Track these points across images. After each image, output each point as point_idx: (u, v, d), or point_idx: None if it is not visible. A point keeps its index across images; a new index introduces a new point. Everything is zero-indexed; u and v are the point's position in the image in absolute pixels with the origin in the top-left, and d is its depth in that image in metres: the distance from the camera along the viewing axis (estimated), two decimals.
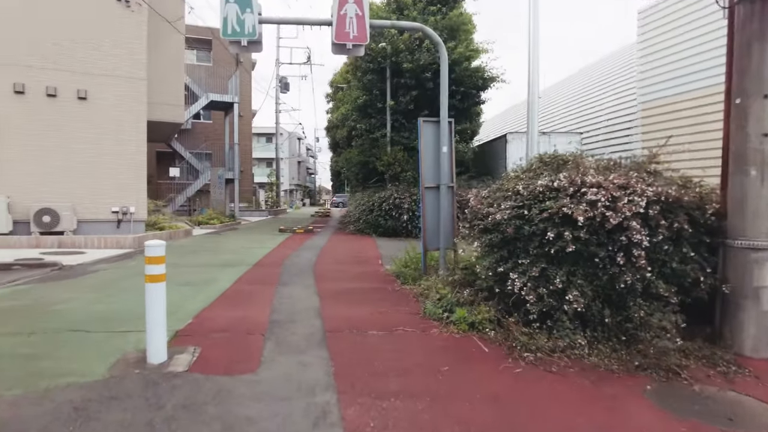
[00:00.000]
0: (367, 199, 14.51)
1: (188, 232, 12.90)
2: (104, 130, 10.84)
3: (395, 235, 13.55)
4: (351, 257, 9.08)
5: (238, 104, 20.95)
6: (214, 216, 16.49)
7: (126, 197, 11.04)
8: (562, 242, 3.90)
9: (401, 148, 14.60)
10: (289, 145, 61.09)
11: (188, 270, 7.16)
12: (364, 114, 15.55)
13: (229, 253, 9.31)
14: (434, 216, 6.55)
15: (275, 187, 31.74)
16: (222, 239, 12.30)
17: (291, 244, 11.46)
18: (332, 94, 26.12)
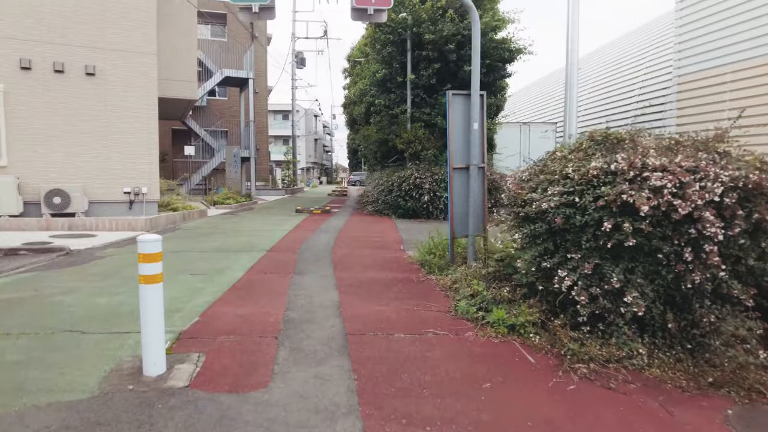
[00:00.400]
0: (386, 179, 13.96)
1: (203, 212, 12.58)
2: (114, 107, 10.44)
3: (415, 216, 13.03)
4: (370, 241, 8.60)
5: (254, 80, 20.38)
6: (230, 195, 16.16)
7: (138, 177, 10.69)
8: (621, 235, 3.34)
9: (422, 125, 13.92)
10: (305, 122, 60.53)
11: (199, 256, 6.77)
12: (383, 89, 14.84)
13: (243, 236, 8.92)
14: (463, 200, 5.99)
15: (292, 165, 31.32)
16: (237, 220, 11.95)
17: (308, 225, 11.03)
18: (349, 69, 25.32)
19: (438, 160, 13.53)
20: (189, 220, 11.51)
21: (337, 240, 8.63)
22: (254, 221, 11.89)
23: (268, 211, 15.02)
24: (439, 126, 13.87)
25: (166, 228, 10.06)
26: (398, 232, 9.90)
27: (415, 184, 12.97)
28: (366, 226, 11.38)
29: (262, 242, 8.15)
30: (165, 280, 5.19)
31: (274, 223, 11.34)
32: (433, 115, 13.95)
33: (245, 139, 20.95)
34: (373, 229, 10.71)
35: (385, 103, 14.50)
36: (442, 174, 12.90)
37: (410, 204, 12.94)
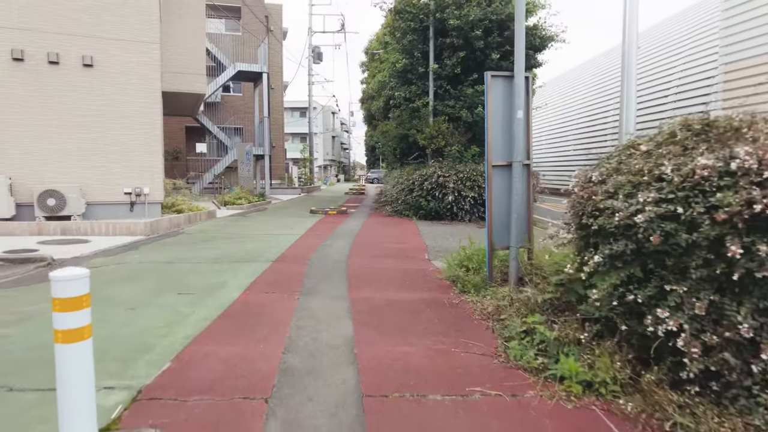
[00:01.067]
0: (406, 177, 12.96)
1: (211, 214, 11.77)
2: (113, 101, 9.66)
3: (438, 218, 12.02)
4: (390, 248, 7.62)
5: (268, 74, 19.56)
6: (242, 195, 15.37)
7: (139, 177, 9.92)
8: (753, 261, 2.33)
9: (445, 119, 12.87)
10: (322, 119, 59.89)
11: (194, 268, 5.89)
12: (403, 80, 13.83)
13: (249, 242, 8.03)
14: (504, 204, 4.98)
15: (308, 163, 30.54)
16: (246, 223, 11.10)
17: (322, 228, 10.11)
18: (367, 62, 24.34)
19: (463, 157, 12.47)
20: (194, 222, 10.71)
21: (353, 247, 7.68)
22: (264, 224, 11.03)
23: (281, 212, 14.17)
24: (464, 119, 12.81)
25: (168, 232, 9.26)
26: (421, 237, 8.90)
27: (438, 182, 11.95)
28: (385, 229, 10.40)
29: (269, 250, 7.24)
30: (145, 304, 4.30)
31: (286, 226, 10.45)
32: (458, 108, 12.88)
33: (259, 136, 20.17)
34: (392, 232, 9.73)
35: (406, 95, 13.49)
36: (468, 172, 11.86)
37: (432, 204, 11.93)
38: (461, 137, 12.87)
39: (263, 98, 19.52)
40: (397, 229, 10.44)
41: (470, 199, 11.78)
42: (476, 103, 12.73)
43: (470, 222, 11.80)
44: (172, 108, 15.97)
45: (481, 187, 11.76)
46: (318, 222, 11.44)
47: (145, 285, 5.00)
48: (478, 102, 12.71)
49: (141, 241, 8.10)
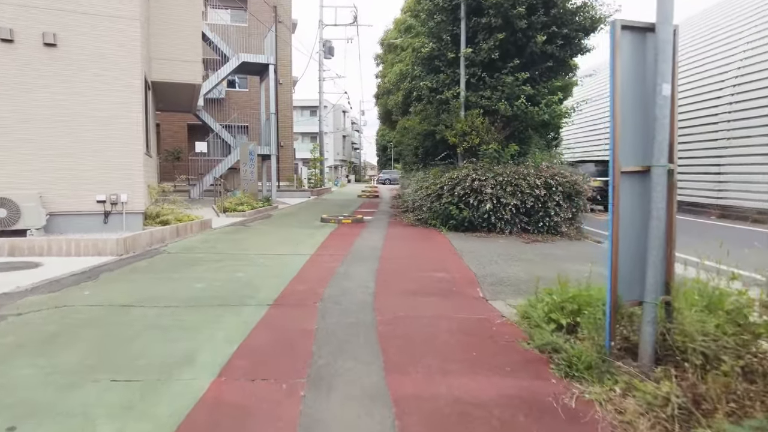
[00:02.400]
0: (433, 181, 11.09)
1: (205, 224, 10.01)
2: (83, 89, 7.93)
3: (472, 229, 10.15)
4: (429, 279, 5.76)
5: (275, 66, 17.79)
6: (244, 200, 13.61)
7: (116, 181, 8.18)
8: None
9: (480, 112, 10.98)
10: (333, 118, 58.29)
11: (158, 318, 4.07)
12: (429, 68, 11.95)
13: (243, 266, 6.23)
14: (636, 231, 3.11)
15: (319, 163, 28.79)
16: (245, 236, 9.30)
17: (336, 244, 8.28)
18: (383, 54, 22.51)
19: (501, 157, 10.57)
20: (184, 235, 8.94)
21: (378, 276, 5.82)
22: (266, 237, 9.23)
23: (287, 221, 12.37)
24: (502, 113, 10.90)
25: (148, 250, 7.48)
26: (461, 258, 7.03)
27: (473, 188, 10.07)
28: (413, 245, 8.55)
29: (266, 282, 5.43)
30: (28, 416, 2.29)
31: (292, 241, 8.64)
32: (495, 99, 10.98)
33: (266, 134, 18.42)
34: (423, 251, 7.87)
35: (432, 85, 11.61)
36: (508, 175, 9.98)
37: (465, 214, 10.05)
38: (498, 134, 10.98)
39: (270, 93, 17.77)
40: (427, 244, 8.58)
41: (511, 207, 9.89)
42: (517, 93, 10.83)
43: (510, 234, 9.92)
44: (168, 102, 14.29)
45: (524, 193, 9.89)
46: (331, 234, 9.61)
47: (65, 358, 3.20)
48: (519, 92, 10.81)
49: (107, 264, 6.33)
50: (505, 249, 8.11)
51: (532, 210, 10.03)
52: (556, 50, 11.02)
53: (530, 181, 9.94)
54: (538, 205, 9.96)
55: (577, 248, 8.57)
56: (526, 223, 10.11)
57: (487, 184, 9.98)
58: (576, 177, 10.38)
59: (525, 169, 10.22)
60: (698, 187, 15.57)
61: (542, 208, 9.99)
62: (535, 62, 11.32)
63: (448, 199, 10.33)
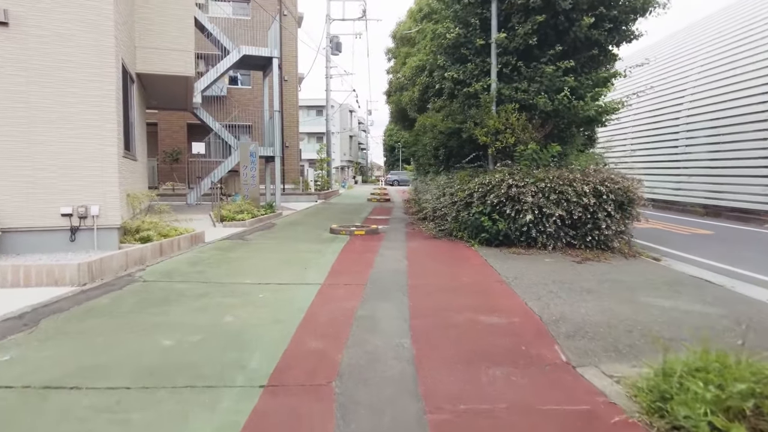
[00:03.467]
0: (459, 187, 9.59)
1: (196, 238, 8.56)
2: (43, 77, 6.52)
3: (508, 243, 8.67)
4: (481, 326, 4.26)
5: (280, 60, 16.36)
6: (244, 207, 12.17)
7: (84, 190, 6.76)
8: None
9: (515, 107, 9.46)
10: (340, 118, 56.98)
11: (73, 425, 2.61)
12: (455, 57, 10.43)
13: (231, 307, 4.76)
14: None
15: (326, 164, 27.35)
16: (241, 255, 7.85)
17: (349, 268, 6.80)
18: (394, 49, 21.05)
19: (540, 160, 9.05)
20: (169, 254, 7.51)
21: (414, 326, 4.30)
22: (266, 256, 7.77)
23: (292, 232, 10.91)
24: (541, 108, 9.38)
25: (119, 277, 6.04)
26: (510, 287, 5.54)
27: (509, 195, 8.58)
28: (444, 267, 7.05)
29: (263, 332, 3.97)
30: None
31: (296, 262, 7.18)
32: (532, 92, 9.46)
33: (269, 133, 16.99)
34: (459, 276, 6.37)
35: (459, 76, 10.09)
36: (552, 181, 8.48)
37: (500, 226, 8.55)
38: (536, 132, 9.46)
39: (274, 89, 16.35)
40: (460, 266, 7.09)
41: (556, 219, 8.38)
42: (558, 85, 9.31)
43: (554, 250, 8.41)
44: (161, 98, 12.89)
45: (570, 201, 8.38)
46: (343, 251, 8.14)
47: None
48: (560, 84, 9.29)
49: (59, 302, 4.89)
50: (557, 272, 6.61)
51: (579, 222, 8.52)
52: (602, 36, 9.49)
53: (577, 187, 8.43)
54: (586, 215, 8.46)
55: (638, 269, 7.09)
56: (571, 237, 8.61)
57: (527, 192, 8.47)
58: (628, 182, 8.85)
59: (570, 173, 8.71)
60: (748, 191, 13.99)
61: (591, 219, 8.49)
62: (578, 50, 9.80)
63: (479, 209, 8.84)
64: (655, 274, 6.77)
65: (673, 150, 18.65)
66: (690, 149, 17.76)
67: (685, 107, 17.87)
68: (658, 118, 19.29)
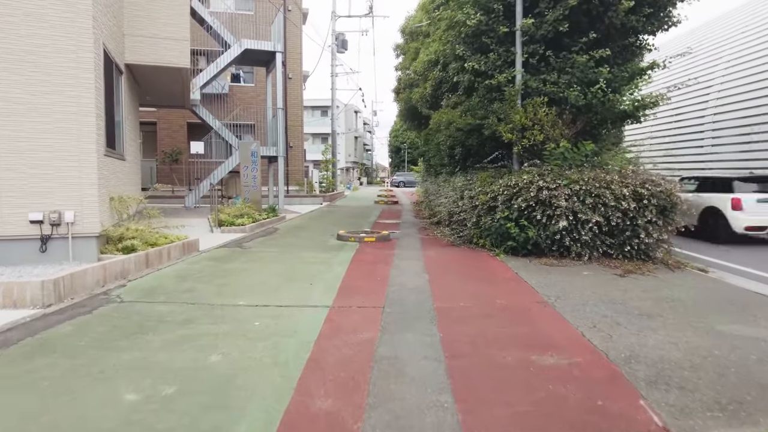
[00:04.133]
0: (481, 189, 8.67)
1: (189, 246, 7.67)
2: (10, 63, 5.65)
3: (537, 252, 7.75)
4: (535, 369, 3.32)
5: (283, 55, 15.48)
6: (245, 210, 11.27)
7: (57, 193, 5.88)
8: None
9: (544, 101, 8.51)
10: (345, 118, 56.17)
11: None
12: (475, 46, 9.47)
13: (219, 340, 3.85)
14: None
15: (331, 165, 26.46)
16: (237, 267, 6.94)
17: (362, 286, 5.87)
18: (403, 44, 20.11)
19: (574, 159, 8.11)
20: (157, 265, 6.62)
21: (451, 368, 3.38)
22: (266, 268, 6.86)
23: (295, 239, 10.01)
24: (572, 102, 8.44)
25: (93, 295, 5.14)
26: (555, 310, 4.60)
27: (540, 199, 7.65)
28: (471, 283, 6.10)
29: (255, 381, 3.06)
30: None
31: (300, 277, 6.27)
32: (563, 85, 8.51)
33: (272, 132, 16.12)
34: (492, 295, 5.43)
35: (480, 67, 9.14)
36: (586, 182, 7.56)
37: (529, 234, 7.61)
38: (567, 129, 8.52)
39: (277, 86, 15.47)
40: (490, 282, 6.15)
41: (592, 225, 7.45)
42: (591, 76, 8.36)
43: (590, 261, 7.49)
44: (156, 93, 12.04)
45: (608, 206, 7.46)
46: (353, 262, 7.21)
47: None
48: (594, 75, 8.34)
49: (10, 329, 3.99)
50: (602, 288, 5.67)
51: (616, 228, 7.59)
52: (639, 22, 8.54)
53: (616, 190, 7.50)
54: (625, 221, 7.52)
55: (690, 284, 6.18)
56: (608, 246, 7.67)
57: (560, 195, 7.54)
58: (670, 185, 7.90)
59: (607, 174, 7.77)
60: None
61: (630, 225, 7.55)
62: (612, 38, 8.84)
63: (504, 214, 7.90)
64: (712, 290, 5.84)
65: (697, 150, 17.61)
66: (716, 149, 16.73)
67: (711, 104, 16.83)
68: (684, 115, 18.23)
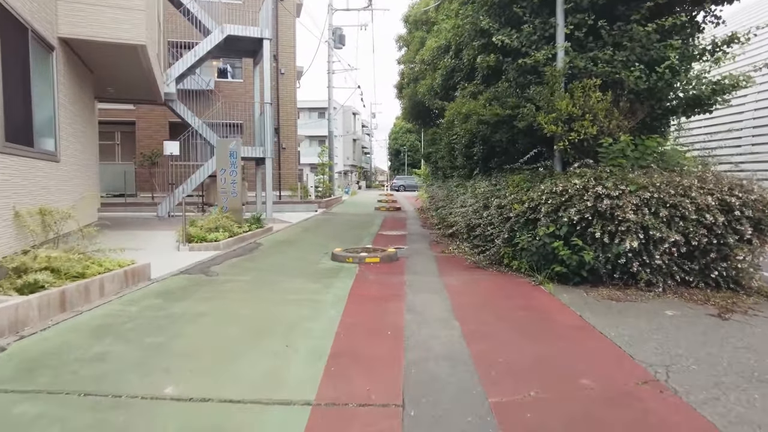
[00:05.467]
0: (514, 197, 6.80)
1: (135, 275, 5.75)
2: None
3: (594, 281, 5.87)
4: None
5: (271, 41, 13.60)
6: (222, 222, 9.35)
7: None
8: None
9: (596, 84, 6.62)
10: (343, 120, 54.39)
11: None
12: (503, 18, 7.56)
13: None
14: None
15: (328, 168, 24.58)
16: (186, 312, 4.98)
17: (363, 347, 3.95)
18: (406, 35, 18.33)
19: (638, 159, 6.23)
20: (79, 305, 4.69)
21: None
22: (228, 313, 4.93)
23: (278, 259, 8.10)
24: (631, 86, 6.56)
25: None
26: (684, 401, 2.69)
27: (598, 210, 5.77)
28: (534, 345, 4.14)
29: None
30: None
31: (272, 332, 4.35)
32: (618, 64, 6.62)
33: (260, 131, 14.23)
34: (575, 374, 3.49)
35: (511, 43, 7.23)
36: (658, 189, 5.71)
37: (588, 257, 5.69)
38: (624, 119, 6.64)
39: (265, 78, 13.60)
40: (555, 340, 4.22)
41: (670, 246, 5.57)
42: (657, 53, 6.49)
43: (664, 292, 5.61)
44: (114, 82, 10.13)
45: (687, 219, 5.60)
46: (350, 301, 5.29)
47: None
48: (661, 51, 6.48)
49: None
50: (713, 343, 3.78)
51: (697, 249, 5.71)
52: None
53: (697, 199, 5.63)
54: (710, 240, 5.64)
55: None
56: (686, 272, 5.80)
57: (626, 205, 5.65)
58: (766, 192, 6.04)
59: (683, 178, 5.90)
60: None
61: (717, 245, 5.68)
62: (671, 6, 7.00)
63: (550, 229, 6.01)
64: None
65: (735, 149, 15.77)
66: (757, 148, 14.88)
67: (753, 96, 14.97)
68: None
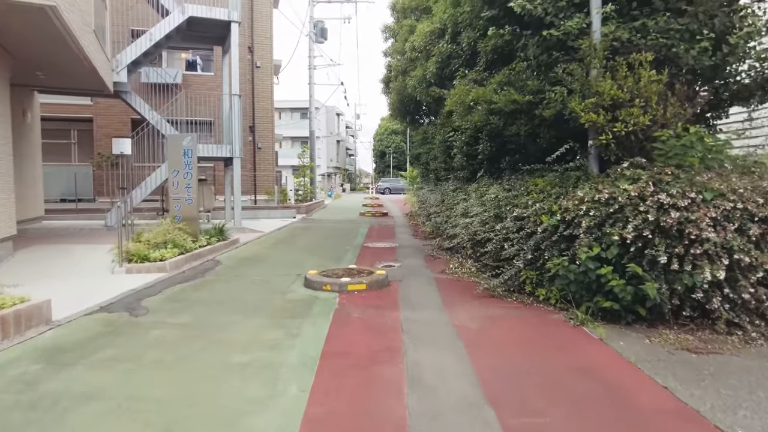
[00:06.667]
0: (540, 206, 5.25)
1: (25, 319, 4.02)
2: None
3: (654, 319, 4.32)
4: None
5: (240, 24, 11.89)
6: (172, 235, 7.61)
7: None
8: None
9: (648, 59, 5.09)
10: (327, 121, 52.61)
11: None
12: None
13: None
14: None
15: (309, 171, 22.85)
16: (69, 389, 3.28)
17: None
18: (394, 25, 16.75)
19: (708, 158, 4.73)
20: None
21: None
22: (132, 395, 3.25)
23: (236, 287, 6.39)
24: (693, 63, 5.06)
25: None
26: None
27: (660, 225, 4.24)
28: None
29: None
30: None
31: None
32: (674, 37, 5.12)
33: (228, 127, 12.49)
34: None
35: (534, 9, 5.67)
36: (742, 197, 4.19)
37: (650, 290, 4.12)
38: (681, 106, 5.14)
39: (232, 65, 11.88)
40: None
41: (765, 275, 4.07)
42: (720, 23, 5.01)
43: (754, 338, 4.09)
44: (45, 66, 8.33)
45: None
46: (324, 361, 3.64)
47: None
48: (728, 18, 5.00)
49: None
50: None
51: None
52: None
53: None
54: None
55: None
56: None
57: (702, 219, 4.13)
58: None
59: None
60: None
61: None
62: None
63: (595, 251, 4.45)
64: None
65: None
66: None
67: None
68: None
